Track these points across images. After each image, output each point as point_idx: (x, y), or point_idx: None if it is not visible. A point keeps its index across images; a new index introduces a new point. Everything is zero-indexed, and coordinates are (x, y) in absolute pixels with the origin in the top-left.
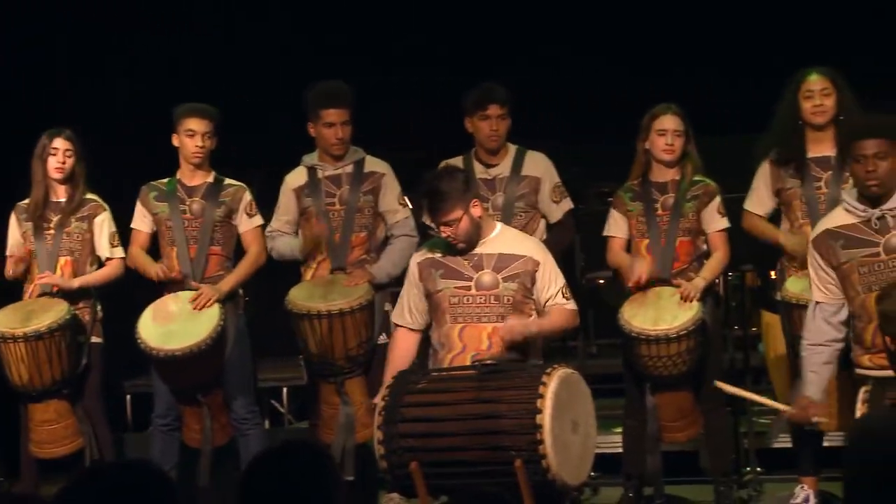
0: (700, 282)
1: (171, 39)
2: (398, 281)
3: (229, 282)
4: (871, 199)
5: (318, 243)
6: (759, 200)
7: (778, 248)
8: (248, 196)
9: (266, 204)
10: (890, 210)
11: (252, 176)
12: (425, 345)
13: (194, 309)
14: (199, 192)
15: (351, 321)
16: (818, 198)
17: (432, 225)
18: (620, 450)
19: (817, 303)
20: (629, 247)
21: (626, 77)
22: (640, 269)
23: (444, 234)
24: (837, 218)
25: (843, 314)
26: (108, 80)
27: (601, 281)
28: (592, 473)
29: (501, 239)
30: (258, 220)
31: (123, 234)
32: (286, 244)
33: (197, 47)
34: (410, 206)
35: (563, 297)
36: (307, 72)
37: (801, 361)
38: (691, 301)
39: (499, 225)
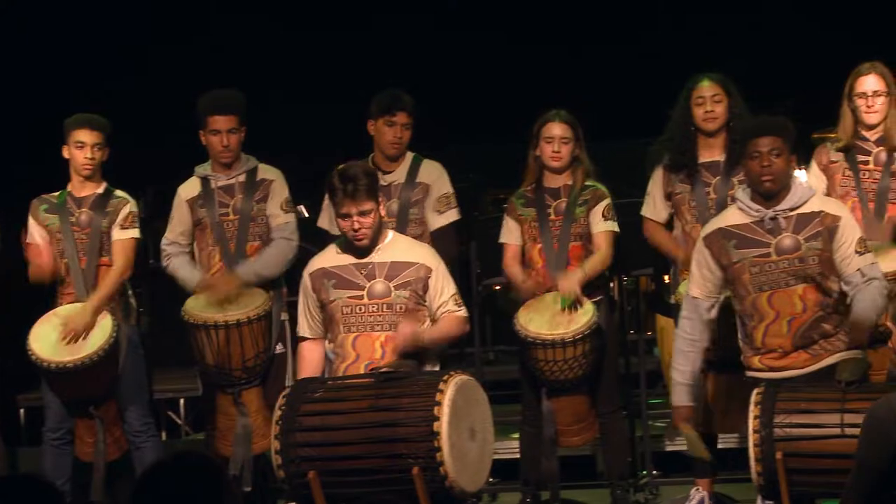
0: (579, 272)
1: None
2: (294, 290)
3: (93, 302)
4: (765, 198)
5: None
6: (654, 206)
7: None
8: (127, 208)
9: None
10: (782, 211)
11: None
12: None
13: (64, 339)
14: (88, 202)
15: (248, 331)
16: (708, 202)
17: (337, 221)
18: (518, 456)
19: (693, 297)
20: (523, 252)
21: (525, 81)
22: (529, 290)
23: (355, 226)
24: (731, 217)
25: (713, 314)
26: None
27: (497, 287)
28: (490, 480)
29: (393, 246)
30: (132, 232)
31: None
32: (185, 275)
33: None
34: (304, 214)
35: (455, 304)
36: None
37: (677, 355)
38: (572, 295)
39: (391, 233)
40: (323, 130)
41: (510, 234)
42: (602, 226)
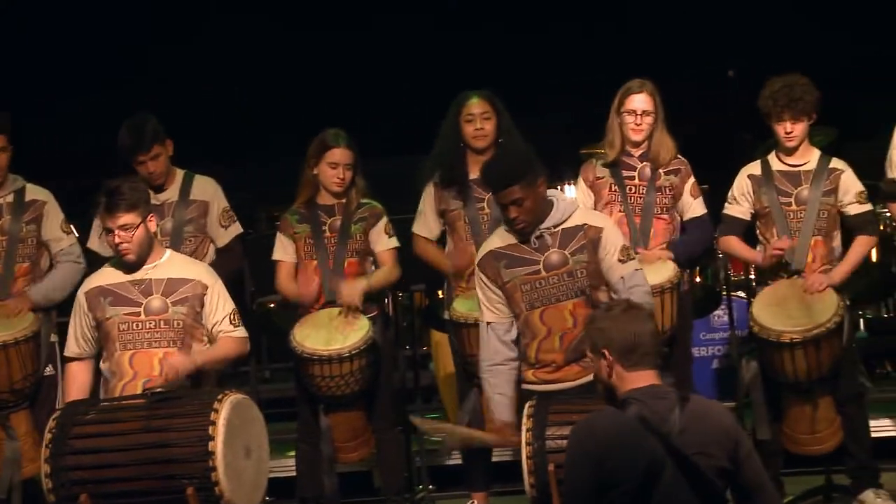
0: (362, 281)
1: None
2: (63, 311)
3: None
4: None
5: None
6: (425, 223)
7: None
8: None
9: None
10: (547, 228)
11: None
12: None
13: None
14: None
15: (16, 353)
16: (481, 218)
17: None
18: (294, 473)
19: (489, 323)
20: (298, 269)
21: (298, 98)
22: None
23: (116, 240)
24: (500, 239)
25: (515, 332)
26: None
27: (272, 305)
28: (267, 498)
29: (170, 263)
30: None
31: None
32: None
33: None
34: (76, 234)
35: (231, 323)
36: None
37: (485, 384)
38: (356, 308)
39: (168, 251)
40: None
41: (284, 251)
42: (386, 243)
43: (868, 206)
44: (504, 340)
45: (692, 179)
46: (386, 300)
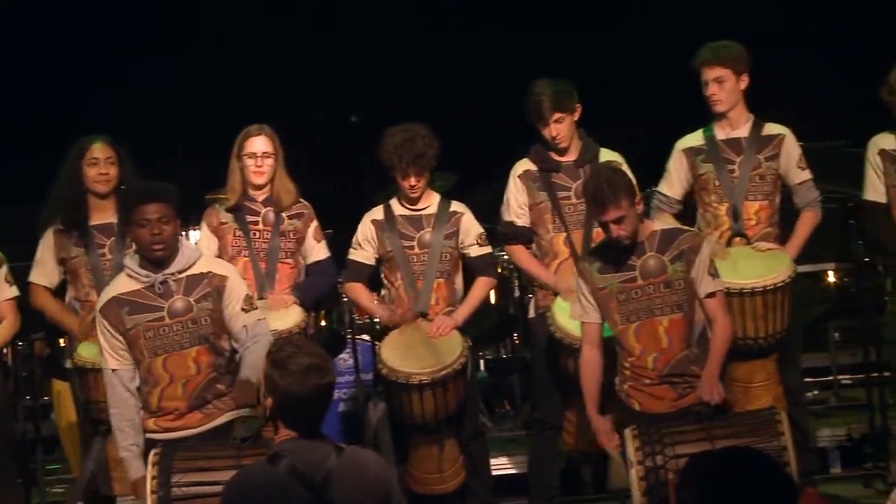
0: None
1: None
2: None
3: None
4: (155, 263)
5: None
6: (44, 271)
7: None
8: None
9: None
10: (172, 274)
11: None
12: None
13: None
14: None
15: None
16: (103, 265)
17: None
18: None
19: (114, 370)
20: None
21: None
22: None
23: None
24: (122, 285)
25: (138, 380)
26: None
27: None
28: None
29: None
30: None
31: None
32: None
33: None
34: None
35: None
36: None
37: (118, 434)
38: None
39: None
40: None
41: None
42: (7, 292)
43: (488, 249)
44: (130, 389)
45: (315, 223)
46: (4, 350)
